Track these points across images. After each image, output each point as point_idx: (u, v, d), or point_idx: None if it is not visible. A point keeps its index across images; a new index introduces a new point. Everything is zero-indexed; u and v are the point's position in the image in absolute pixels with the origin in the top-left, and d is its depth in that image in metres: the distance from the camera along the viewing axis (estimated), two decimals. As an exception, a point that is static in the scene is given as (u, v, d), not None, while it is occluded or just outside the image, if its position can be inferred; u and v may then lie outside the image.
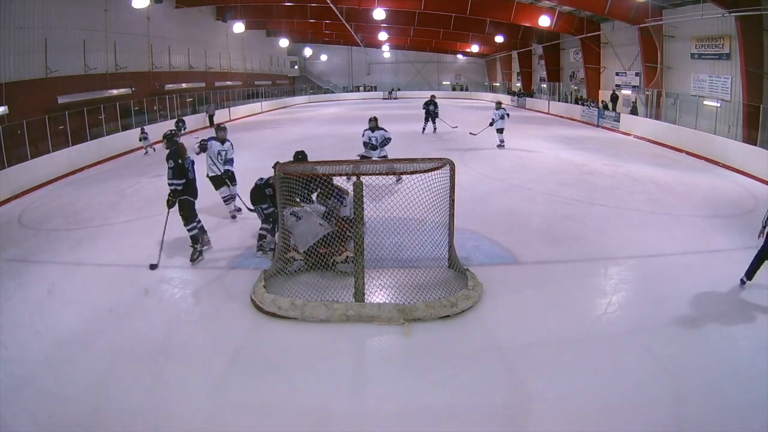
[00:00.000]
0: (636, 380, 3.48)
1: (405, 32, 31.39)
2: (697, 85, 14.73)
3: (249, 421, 3.16)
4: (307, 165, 5.78)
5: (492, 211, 7.52)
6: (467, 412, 3.20)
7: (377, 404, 3.28)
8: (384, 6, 22.01)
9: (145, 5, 16.73)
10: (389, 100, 36.66)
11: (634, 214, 7.48)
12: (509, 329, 4.19)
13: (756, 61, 11.82)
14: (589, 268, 5.56)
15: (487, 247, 6.03)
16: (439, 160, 4.93)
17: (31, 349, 3.99)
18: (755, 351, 3.81)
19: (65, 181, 11.01)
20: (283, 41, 32.59)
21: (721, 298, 4.75)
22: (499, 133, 13.08)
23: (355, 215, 4.45)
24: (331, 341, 4.05)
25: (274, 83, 34.88)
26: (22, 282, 5.32)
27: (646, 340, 3.99)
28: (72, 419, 3.18)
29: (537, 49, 27.84)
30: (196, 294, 5.03)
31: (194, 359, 3.84)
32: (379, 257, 5.05)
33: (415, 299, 4.48)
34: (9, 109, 12.15)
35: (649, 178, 9.93)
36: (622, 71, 19.66)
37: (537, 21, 20.53)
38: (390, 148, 9.35)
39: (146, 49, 19.39)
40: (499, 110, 13.06)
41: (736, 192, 8.99)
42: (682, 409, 3.20)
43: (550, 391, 3.39)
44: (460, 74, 41.66)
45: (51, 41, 13.94)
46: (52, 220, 7.81)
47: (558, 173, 10.28)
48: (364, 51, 40.52)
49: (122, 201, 8.66)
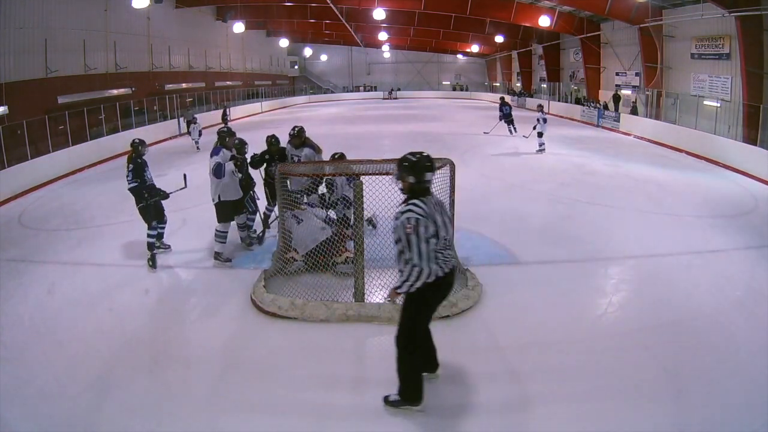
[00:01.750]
0: (636, 380, 3.47)
1: (405, 32, 31.40)
2: (697, 85, 14.73)
3: (249, 421, 3.16)
4: (305, 165, 5.80)
5: (492, 211, 7.52)
6: (467, 412, 3.20)
7: (377, 404, 3.28)
8: (384, 6, 22.01)
9: (145, 5, 16.72)
10: (389, 100, 36.66)
11: (634, 214, 7.48)
12: (509, 329, 4.19)
13: (756, 61, 11.82)
14: (589, 268, 5.56)
15: (487, 247, 6.03)
16: (439, 160, 4.92)
17: (31, 349, 4.00)
18: (755, 351, 3.81)
19: (65, 181, 11.01)
20: (283, 41, 32.58)
21: (721, 298, 4.74)
22: (540, 137, 12.60)
23: (355, 215, 4.45)
24: (331, 341, 4.05)
25: (274, 83, 34.89)
26: (22, 282, 5.32)
27: (646, 340, 3.99)
28: (72, 419, 3.18)
29: (537, 49, 27.84)
30: (196, 294, 5.03)
31: (194, 359, 3.84)
32: (379, 257, 5.05)
33: (415, 299, 4.47)
34: (9, 109, 12.16)
35: (649, 178, 9.93)
36: (622, 71, 19.66)
37: (537, 21, 20.53)
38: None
39: (146, 49, 19.40)
40: (540, 113, 12.57)
41: (736, 192, 8.99)
42: (682, 409, 3.20)
43: (550, 391, 3.39)
44: (460, 74, 41.65)
45: (51, 41, 13.94)
46: (52, 220, 7.81)
47: (558, 173, 10.28)
48: (364, 51, 40.51)
49: (122, 201, 8.62)
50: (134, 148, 5.87)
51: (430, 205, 2.88)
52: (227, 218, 5.60)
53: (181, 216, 7.14)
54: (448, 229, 2.95)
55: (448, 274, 2.95)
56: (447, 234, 2.94)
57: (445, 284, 2.99)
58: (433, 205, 2.91)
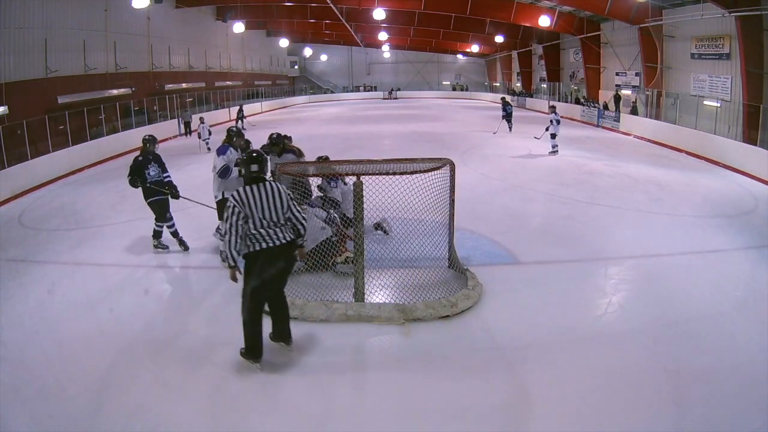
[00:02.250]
0: (636, 380, 3.47)
1: (405, 32, 31.41)
2: (697, 85, 14.73)
3: (249, 421, 3.16)
4: (303, 165, 5.80)
5: (492, 211, 7.52)
6: (467, 412, 3.20)
7: (377, 404, 3.28)
8: (384, 6, 22.02)
9: (145, 5, 16.73)
10: (389, 100, 36.67)
11: (634, 214, 7.48)
12: (509, 329, 4.18)
13: (756, 61, 11.82)
14: (589, 268, 5.56)
15: (487, 247, 6.03)
16: (439, 160, 4.93)
17: (31, 349, 3.99)
18: (755, 351, 3.81)
19: (65, 181, 11.01)
20: (283, 41, 32.60)
21: (721, 298, 4.74)
22: (552, 138, 12.44)
23: (355, 215, 4.45)
24: (331, 341, 4.05)
25: (274, 83, 34.91)
26: (22, 282, 5.32)
27: (646, 340, 3.99)
28: (72, 419, 3.17)
29: (537, 49, 27.85)
30: (196, 294, 5.03)
31: (194, 359, 3.84)
32: (379, 257, 5.05)
33: (415, 299, 4.48)
34: (9, 109, 12.16)
35: (649, 178, 9.93)
36: (622, 71, 19.67)
37: (537, 21, 20.54)
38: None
39: (146, 49, 19.40)
40: (554, 115, 12.49)
41: (736, 192, 8.99)
42: (682, 409, 3.20)
43: (550, 391, 3.39)
44: (460, 74, 41.68)
45: (51, 41, 13.94)
46: (52, 220, 7.81)
47: (558, 173, 10.28)
48: (364, 51, 40.54)
49: (122, 201, 8.65)
50: (143, 144, 6.10)
51: (252, 192, 3.44)
52: None
53: (181, 216, 7.12)
54: (272, 214, 3.44)
55: (265, 250, 3.42)
56: (266, 218, 3.44)
57: (262, 258, 3.45)
58: (260, 193, 3.44)
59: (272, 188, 3.52)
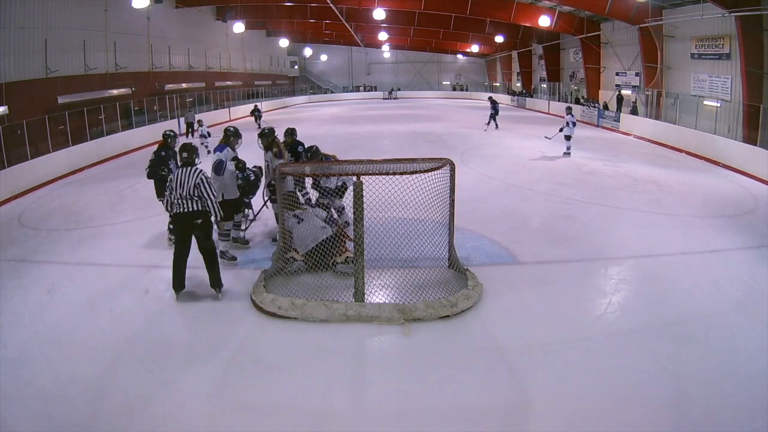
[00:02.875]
0: (636, 380, 3.47)
1: (405, 32, 31.40)
2: (697, 85, 14.73)
3: (249, 421, 3.16)
4: (301, 165, 5.81)
5: (492, 211, 7.52)
6: (467, 412, 3.20)
7: (377, 404, 3.28)
8: (384, 6, 22.02)
9: (145, 5, 16.71)
10: (389, 100, 36.67)
11: (634, 214, 7.48)
12: (509, 329, 4.19)
13: (756, 61, 11.82)
14: (589, 268, 5.56)
15: (487, 247, 6.04)
16: (439, 160, 4.93)
17: (31, 349, 3.99)
18: (755, 351, 3.81)
19: (65, 181, 11.00)
20: (283, 41, 32.58)
21: (721, 298, 4.75)
22: (567, 140, 12.24)
23: (355, 215, 4.45)
24: (331, 341, 4.05)
25: (274, 83, 34.89)
26: (22, 282, 5.32)
27: (646, 340, 3.99)
28: (72, 419, 3.17)
29: (537, 49, 27.85)
30: (196, 294, 5.02)
31: (194, 359, 3.84)
32: (379, 257, 5.05)
33: (415, 299, 4.48)
34: (9, 109, 12.15)
35: (649, 178, 9.93)
36: (622, 71, 19.67)
37: (537, 21, 20.54)
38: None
39: (146, 49, 19.39)
40: (570, 116, 12.28)
41: (736, 192, 8.99)
42: (682, 409, 3.20)
43: (550, 391, 3.39)
44: (460, 74, 41.68)
45: (51, 41, 13.93)
46: (52, 220, 7.81)
47: (558, 173, 10.28)
48: (364, 51, 40.53)
49: (122, 201, 8.66)
50: (164, 138, 6.38)
51: (181, 172, 4.64)
52: (229, 216, 5.63)
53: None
54: (182, 189, 4.58)
55: (178, 214, 4.63)
56: (176, 192, 4.60)
57: (175, 221, 4.77)
58: (185, 173, 4.62)
59: (191, 171, 4.63)
